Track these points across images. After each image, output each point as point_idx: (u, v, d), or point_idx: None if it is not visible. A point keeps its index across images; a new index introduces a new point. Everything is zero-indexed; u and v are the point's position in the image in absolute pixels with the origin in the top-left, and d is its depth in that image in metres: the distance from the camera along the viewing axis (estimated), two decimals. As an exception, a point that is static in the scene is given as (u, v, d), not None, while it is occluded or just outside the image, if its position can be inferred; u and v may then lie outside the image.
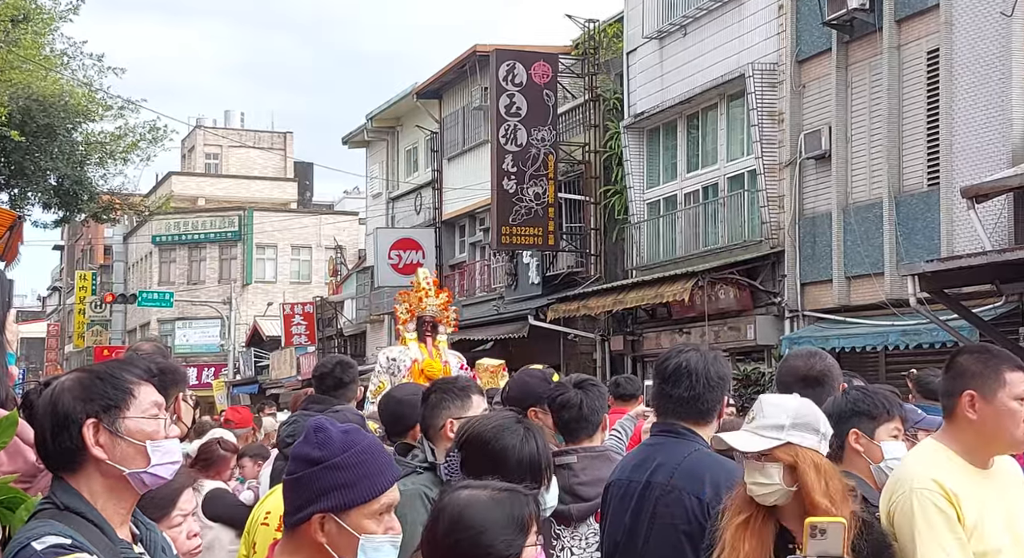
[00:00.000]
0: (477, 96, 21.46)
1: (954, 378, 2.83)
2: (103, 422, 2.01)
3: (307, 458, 2.02)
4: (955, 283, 10.76)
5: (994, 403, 2.75)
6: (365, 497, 2.00)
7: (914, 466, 2.79)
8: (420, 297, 7.14)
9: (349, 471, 2.00)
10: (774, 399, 2.71)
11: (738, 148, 15.39)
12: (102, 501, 2.01)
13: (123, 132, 19.88)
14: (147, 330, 44.77)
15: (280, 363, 34.32)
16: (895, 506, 2.74)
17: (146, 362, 2.80)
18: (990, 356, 2.82)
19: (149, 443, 2.03)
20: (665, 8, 16.64)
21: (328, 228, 43.32)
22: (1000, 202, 10.83)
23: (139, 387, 2.07)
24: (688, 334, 15.33)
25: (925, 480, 2.71)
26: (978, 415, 2.76)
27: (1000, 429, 2.76)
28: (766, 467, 2.59)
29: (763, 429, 2.63)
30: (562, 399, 3.62)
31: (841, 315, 13.13)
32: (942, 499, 2.68)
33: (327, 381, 4.68)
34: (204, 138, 51.24)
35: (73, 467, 2.01)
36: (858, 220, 12.92)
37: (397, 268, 24.26)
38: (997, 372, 2.76)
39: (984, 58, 11.21)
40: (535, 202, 18.63)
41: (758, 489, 2.60)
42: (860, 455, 3.08)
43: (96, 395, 2.02)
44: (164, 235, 44.35)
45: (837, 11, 12.73)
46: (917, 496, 2.69)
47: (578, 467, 3.51)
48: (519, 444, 2.64)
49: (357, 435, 2.06)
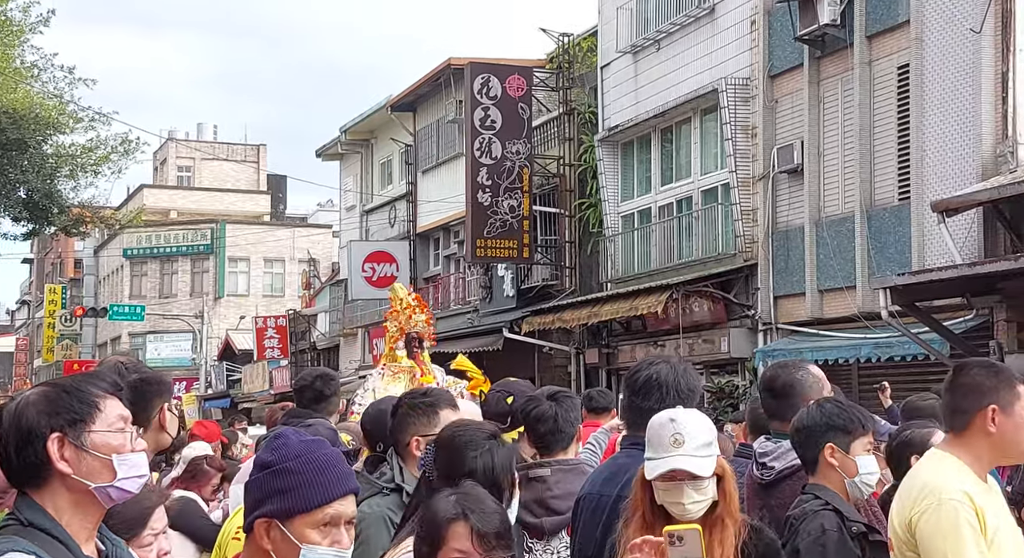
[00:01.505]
0: (452, 109, 21.48)
1: (968, 394, 2.85)
2: (68, 436, 1.97)
3: (260, 462, 2.04)
4: (926, 296, 10.84)
5: (1013, 416, 2.81)
6: (307, 505, 1.98)
7: (942, 476, 2.80)
8: (409, 314, 7.15)
9: (293, 477, 1.99)
10: (687, 417, 2.74)
11: (712, 162, 15.47)
12: (67, 517, 1.98)
13: (94, 144, 19.73)
14: (118, 344, 44.39)
15: (252, 377, 34.09)
16: (920, 515, 2.75)
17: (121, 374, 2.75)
18: (1000, 370, 2.89)
19: (115, 457, 2.00)
20: (639, 23, 16.73)
21: (302, 241, 43.15)
22: (970, 216, 10.93)
23: (105, 400, 2.04)
24: (663, 347, 15.36)
25: (956, 492, 2.74)
26: (998, 429, 2.81)
27: (1017, 441, 2.83)
28: (704, 485, 2.64)
29: (700, 449, 2.67)
30: (537, 412, 3.58)
31: (814, 328, 13.19)
32: (972, 512, 2.71)
33: (307, 394, 4.61)
34: (176, 150, 50.97)
35: (38, 482, 1.97)
36: (830, 234, 13.00)
37: (371, 281, 24.18)
38: (1011, 386, 2.83)
39: (954, 74, 11.33)
40: (510, 215, 18.64)
41: (695, 507, 2.64)
42: (835, 469, 3.09)
43: (61, 409, 1.99)
44: (135, 248, 44.02)
45: (809, 27, 12.83)
46: (948, 507, 2.71)
47: (551, 480, 3.49)
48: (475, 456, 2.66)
49: (316, 445, 2.05)
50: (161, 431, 2.95)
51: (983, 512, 2.73)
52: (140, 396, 2.74)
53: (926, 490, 2.79)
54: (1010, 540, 2.80)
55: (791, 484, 3.38)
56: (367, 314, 26.53)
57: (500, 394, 4.16)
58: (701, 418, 2.77)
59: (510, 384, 4.38)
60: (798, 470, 3.37)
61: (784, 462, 3.44)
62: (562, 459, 3.58)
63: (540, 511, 3.44)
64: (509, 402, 4.00)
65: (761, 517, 3.34)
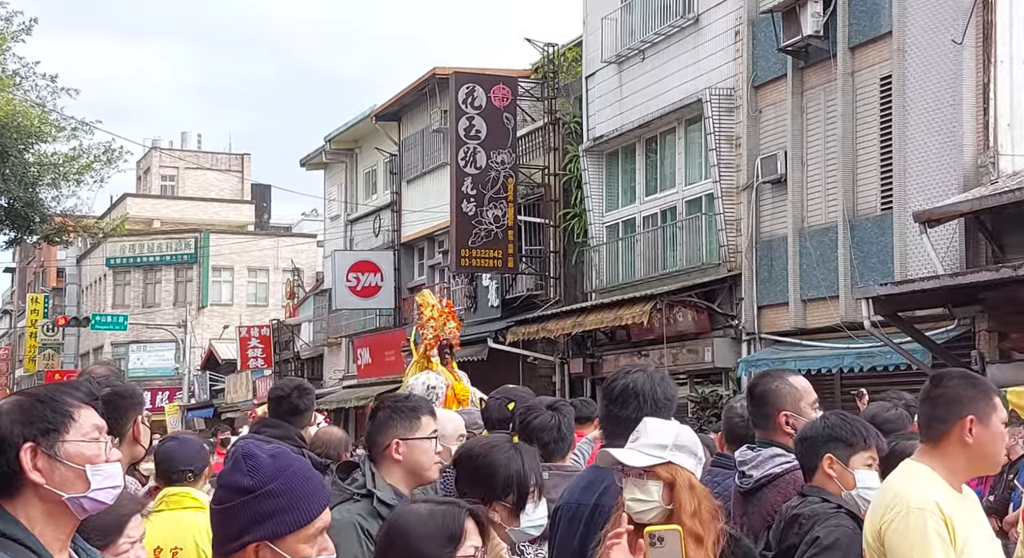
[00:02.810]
0: (436, 119, 21.48)
1: (947, 404, 2.86)
2: (41, 446, 1.95)
3: (237, 487, 2.00)
4: (908, 306, 10.89)
5: (989, 427, 2.83)
6: (300, 523, 2.00)
7: (912, 486, 2.81)
8: (444, 321, 7.18)
9: (282, 498, 1.99)
10: (658, 422, 2.79)
11: (696, 172, 15.51)
12: (40, 527, 1.96)
13: (77, 153, 19.67)
14: (100, 354, 44.14)
15: (236, 387, 33.95)
16: (888, 523, 2.76)
17: (96, 385, 2.73)
18: (978, 381, 2.91)
19: (89, 467, 1.98)
20: (624, 33, 16.78)
21: (286, 250, 43.06)
22: (952, 227, 10.99)
23: (80, 410, 2.02)
24: (647, 356, 15.37)
25: (926, 501, 2.75)
26: (975, 439, 2.82)
27: (992, 452, 2.86)
28: (647, 484, 2.66)
29: (647, 447, 2.70)
30: (539, 421, 3.67)
31: (797, 338, 13.23)
32: (940, 522, 2.72)
33: (283, 406, 4.59)
34: (160, 159, 50.82)
35: (10, 492, 1.95)
36: (814, 244, 13.05)
37: (355, 291, 24.12)
38: (988, 397, 2.85)
39: (936, 85, 11.41)
40: (494, 225, 18.63)
41: (637, 506, 2.66)
42: (832, 480, 3.10)
43: (35, 418, 1.97)
44: (118, 257, 43.82)
45: (792, 38, 12.90)
46: (916, 516, 2.72)
47: (549, 484, 3.52)
48: (506, 462, 2.74)
49: (286, 459, 2.05)
50: (135, 444, 2.94)
51: (953, 521, 2.73)
52: (113, 409, 2.73)
53: (896, 499, 2.80)
54: (982, 550, 2.81)
55: (769, 493, 3.39)
56: (351, 324, 26.46)
57: (501, 401, 4.20)
58: (670, 425, 2.78)
59: (510, 391, 4.44)
60: (776, 479, 3.38)
61: (762, 471, 3.44)
62: (560, 465, 3.65)
63: None
64: (511, 408, 4.06)
65: (741, 525, 3.35)
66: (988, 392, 2.87)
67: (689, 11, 15.25)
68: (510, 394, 4.33)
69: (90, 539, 2.23)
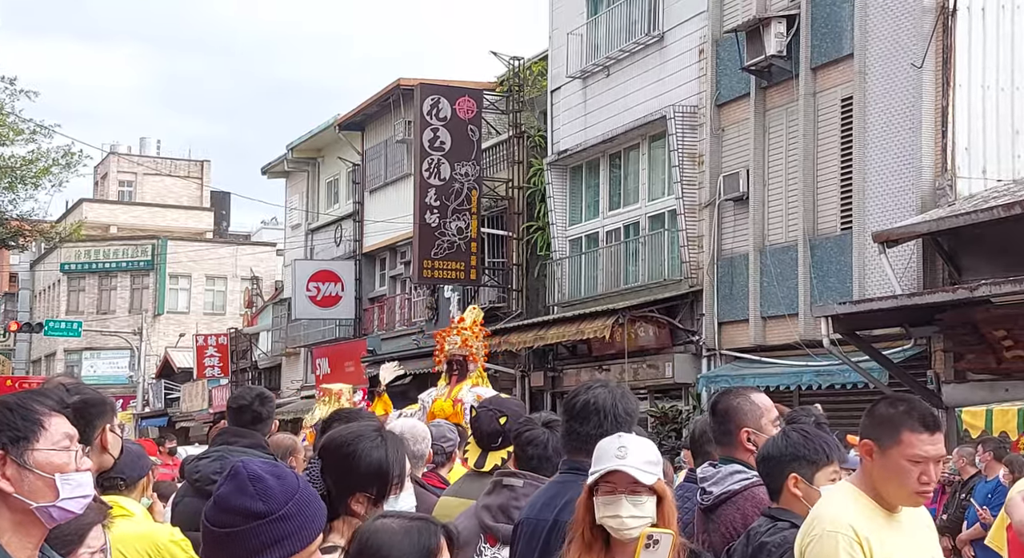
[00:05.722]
0: (400, 129, 21.46)
1: (865, 425, 2.89)
2: (10, 454, 1.93)
3: (249, 512, 2.02)
4: (866, 325, 11.02)
5: (885, 457, 2.79)
6: (308, 542, 2.06)
7: (830, 508, 2.83)
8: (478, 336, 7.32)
9: (292, 521, 2.04)
10: (636, 438, 2.82)
11: (659, 188, 15.62)
12: (8, 536, 1.93)
13: (35, 157, 19.41)
14: (53, 360, 43.46)
15: (192, 396, 33.58)
16: (808, 545, 2.79)
17: (66, 393, 2.69)
18: (899, 411, 2.82)
19: (59, 476, 1.95)
20: (589, 48, 16.88)
21: (245, 259, 42.71)
22: (910, 247, 11.15)
23: (50, 418, 1.99)
24: (608, 371, 15.42)
25: (840, 523, 2.76)
26: (874, 464, 2.82)
27: (889, 483, 2.80)
28: (643, 500, 2.69)
29: (645, 464, 2.73)
30: (529, 435, 3.62)
31: (757, 354, 13.33)
32: (855, 544, 2.73)
33: (245, 415, 4.55)
34: (118, 165, 50.24)
35: (-23, 501, 1.92)
36: (774, 261, 13.18)
37: (315, 300, 23.98)
38: (897, 430, 2.78)
39: (896, 107, 11.59)
40: (457, 236, 18.62)
41: (632, 522, 2.69)
42: (798, 500, 3.09)
43: (4, 426, 1.94)
44: (74, 263, 43.21)
45: (756, 57, 13.05)
46: (828, 539, 2.74)
47: (521, 491, 3.51)
48: (370, 451, 2.65)
49: (290, 481, 2.09)
50: (104, 452, 2.90)
51: (870, 542, 2.75)
52: (82, 417, 2.69)
53: (815, 521, 2.83)
54: None
55: (727, 509, 3.41)
56: (311, 333, 26.28)
57: (493, 413, 4.15)
58: (648, 442, 2.83)
59: (502, 403, 4.35)
60: (734, 495, 3.40)
61: (722, 487, 3.46)
62: (537, 476, 3.59)
63: (502, 517, 3.46)
64: (502, 422, 4.02)
65: (703, 542, 3.37)
66: (900, 425, 2.78)
67: (654, 29, 15.38)
68: (502, 406, 4.27)
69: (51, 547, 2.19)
